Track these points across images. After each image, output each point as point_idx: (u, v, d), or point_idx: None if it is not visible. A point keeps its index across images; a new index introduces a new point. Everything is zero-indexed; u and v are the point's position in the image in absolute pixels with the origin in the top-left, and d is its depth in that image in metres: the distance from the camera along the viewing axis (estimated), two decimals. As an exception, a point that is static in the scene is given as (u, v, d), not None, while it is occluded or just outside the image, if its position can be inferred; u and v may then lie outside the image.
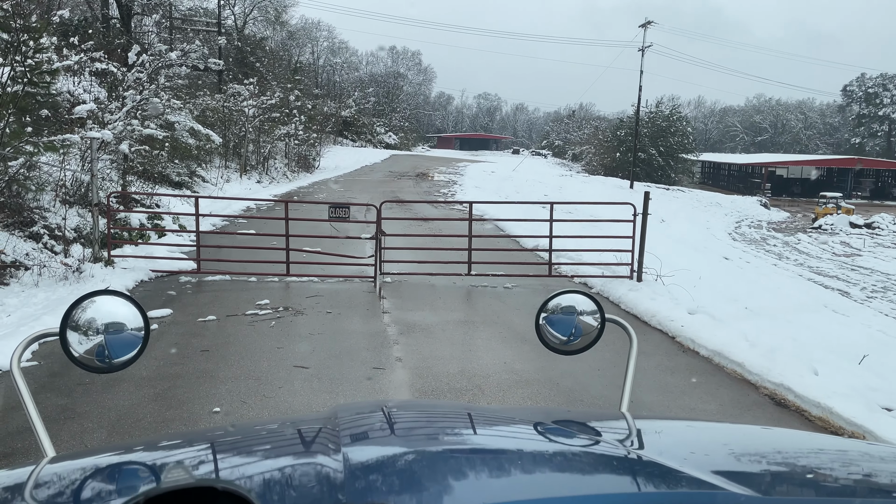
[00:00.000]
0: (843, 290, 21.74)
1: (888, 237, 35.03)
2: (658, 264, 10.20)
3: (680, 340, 7.41)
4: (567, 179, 43.84)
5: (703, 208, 43.28)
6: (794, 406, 5.54)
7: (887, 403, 5.89)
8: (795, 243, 32.95)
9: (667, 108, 60.58)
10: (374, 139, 65.95)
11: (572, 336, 2.06)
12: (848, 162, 65.56)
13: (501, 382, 6.03)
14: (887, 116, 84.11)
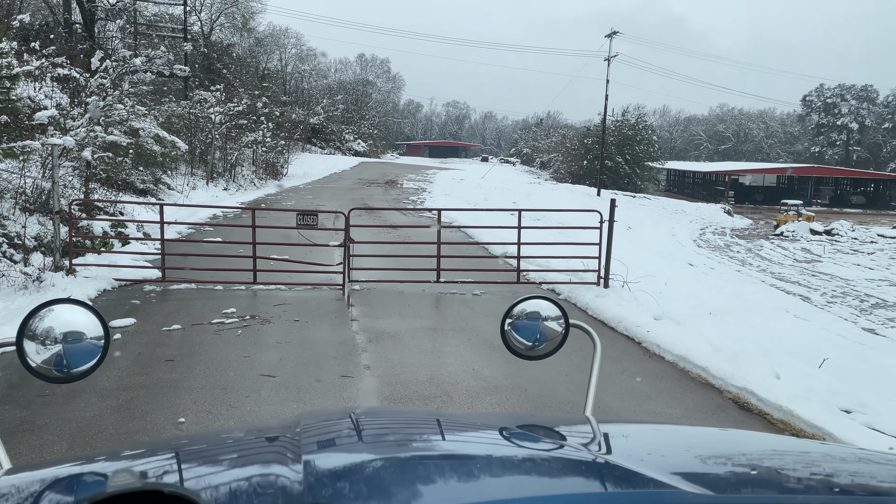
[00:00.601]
0: (804, 295, 22.25)
1: (847, 243, 35.97)
2: (624, 270, 10.32)
3: (646, 346, 7.51)
4: (535, 187, 44.18)
5: (669, 215, 43.97)
6: (757, 409, 5.65)
7: (846, 406, 6.05)
8: (758, 250, 33.64)
9: (633, 117, 61.47)
10: (343, 146, 65.70)
11: (537, 341, 2.08)
12: (809, 170, 67.24)
13: (470, 389, 6.04)
14: (845, 126, 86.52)
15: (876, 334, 17.08)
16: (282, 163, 35.40)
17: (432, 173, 44.87)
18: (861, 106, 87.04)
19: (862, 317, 19.34)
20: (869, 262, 30.13)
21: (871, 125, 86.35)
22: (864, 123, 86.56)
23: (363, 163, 54.58)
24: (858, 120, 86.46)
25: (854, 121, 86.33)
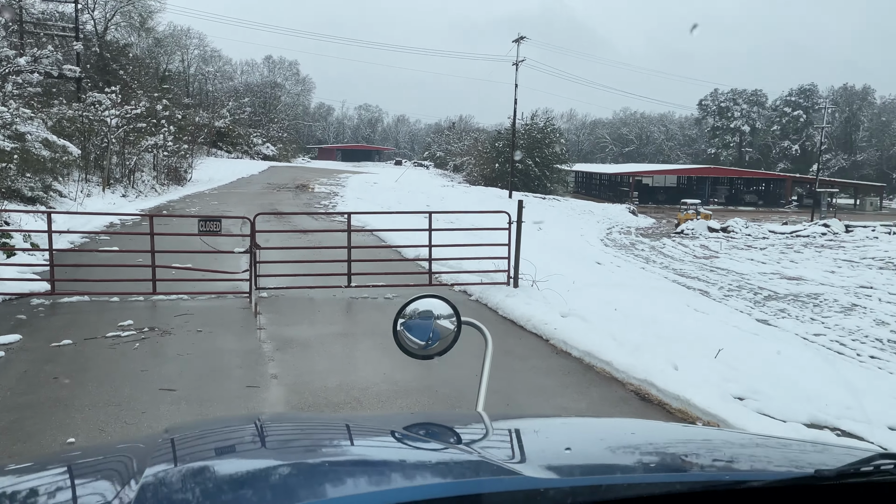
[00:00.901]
0: (703, 289, 23.41)
1: (741, 240, 38.16)
2: (533, 270, 10.52)
3: (553, 343, 7.67)
4: (449, 190, 44.52)
5: (578, 216, 45.37)
6: (657, 400, 5.87)
7: (739, 393, 6.37)
8: (661, 247, 35.17)
9: (541, 121, 63.00)
10: (252, 150, 64.01)
11: (430, 340, 2.06)
12: (706, 171, 70.98)
13: (381, 394, 5.98)
14: (738, 129, 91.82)
15: (769, 324, 18.16)
16: (185, 168, 34.11)
17: (345, 177, 44.44)
18: (752, 109, 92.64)
19: (756, 308, 20.53)
20: (762, 256, 32.06)
21: (761, 128, 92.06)
22: (754, 126, 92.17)
23: (273, 167, 53.36)
24: (749, 123, 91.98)
25: (746, 124, 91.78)
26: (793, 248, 34.67)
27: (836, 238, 37.46)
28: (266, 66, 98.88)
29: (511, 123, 49.00)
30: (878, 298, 21.72)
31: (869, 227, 39.70)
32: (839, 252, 33.07)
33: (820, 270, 27.66)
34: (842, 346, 15.99)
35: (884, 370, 14.18)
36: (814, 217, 47.26)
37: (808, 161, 76.59)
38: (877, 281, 25.22)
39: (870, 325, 18.15)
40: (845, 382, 10.43)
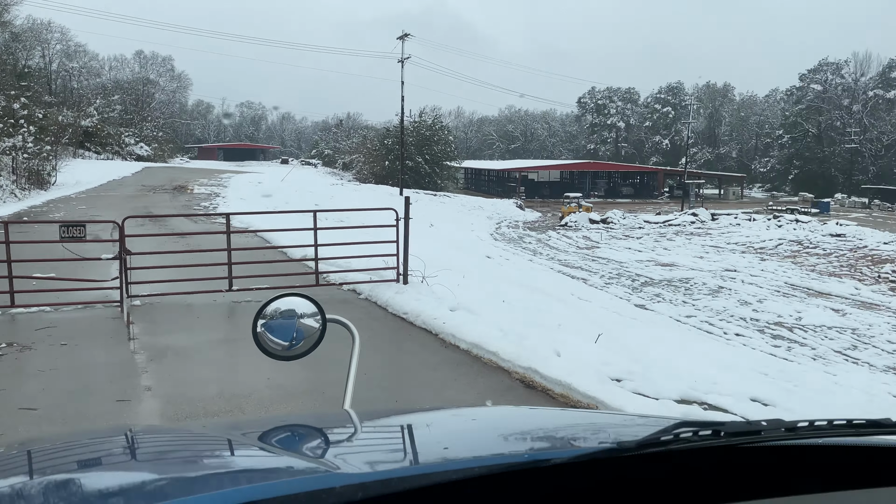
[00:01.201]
0: (585, 278, 24.45)
1: (620, 230, 40.15)
2: (423, 266, 10.55)
3: (442, 337, 7.72)
4: (338, 188, 43.96)
5: (468, 212, 46.07)
6: (541, 386, 6.04)
7: (617, 375, 6.67)
8: (547, 240, 36.39)
9: (429, 118, 63.49)
10: (124, 151, 60.38)
11: (294, 340, 1.99)
12: (586, 166, 74.13)
13: (264, 399, 5.78)
14: (614, 125, 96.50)
15: (646, 309, 19.23)
16: (49, 170, 31.67)
17: (227, 177, 42.83)
18: (626, 107, 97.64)
19: (634, 294, 21.68)
20: (638, 245, 33.88)
21: (635, 124, 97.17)
22: (629, 122, 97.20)
23: (148, 168, 50.56)
24: (624, 119, 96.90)
25: (621, 120, 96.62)
26: (666, 237, 36.89)
27: (703, 226, 40.18)
28: (137, 61, 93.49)
29: (399, 121, 49.00)
30: (741, 280, 23.52)
31: (732, 214, 42.87)
32: (706, 239, 35.52)
33: (690, 256, 29.60)
34: (711, 326, 17.19)
35: (747, 346, 15.36)
36: (683, 207, 50.48)
37: (677, 154, 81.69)
38: (740, 264, 27.30)
39: (734, 305, 19.63)
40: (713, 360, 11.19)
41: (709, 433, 0.95)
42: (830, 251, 30.10)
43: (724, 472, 1.02)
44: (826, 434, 1.01)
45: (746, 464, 1.04)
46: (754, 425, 0.98)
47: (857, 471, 1.03)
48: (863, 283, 23.82)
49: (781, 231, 34.85)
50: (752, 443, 0.99)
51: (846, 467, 1.06)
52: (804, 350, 15.24)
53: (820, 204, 52.67)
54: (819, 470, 1.04)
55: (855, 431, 1.02)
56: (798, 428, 0.99)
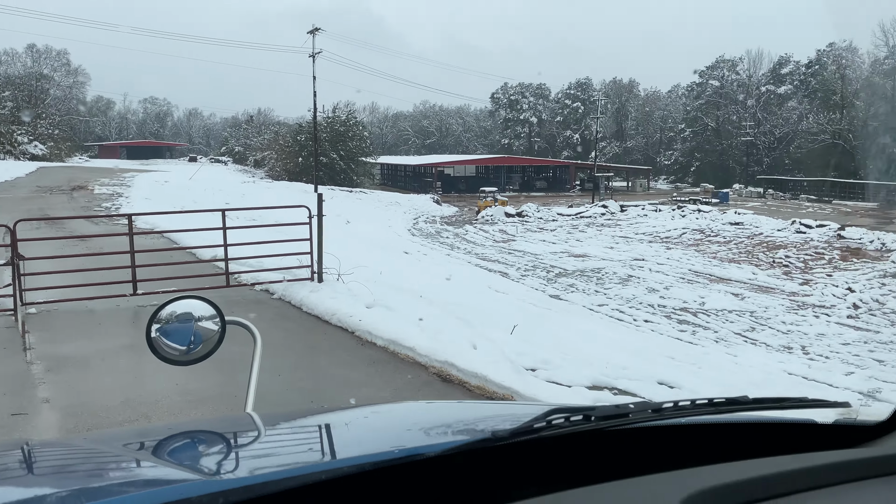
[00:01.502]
0: (502, 271, 24.85)
1: (534, 223, 41.00)
2: (338, 264, 10.42)
3: (359, 334, 7.65)
4: (250, 186, 42.85)
5: (385, 208, 45.89)
6: (458, 380, 6.09)
7: (532, 365, 6.80)
8: (464, 234, 36.73)
9: (343, 114, 62.74)
10: (17, 150, 56.67)
11: (192, 344, 1.92)
12: (501, 160, 75.25)
13: (173, 406, 5.57)
14: (527, 120, 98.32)
15: (560, 299, 19.75)
16: (-71, 172, 29.33)
17: (130, 176, 40.94)
18: (538, 102, 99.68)
19: (549, 285, 22.21)
20: (552, 237, 34.73)
21: (546, 119, 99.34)
22: (541, 117, 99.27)
23: (43, 168, 47.64)
24: (537, 115, 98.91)
25: (533, 115, 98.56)
26: (578, 229, 37.97)
27: (613, 217, 41.59)
28: (29, 55, 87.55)
29: (312, 116, 48.16)
30: (648, 269, 24.51)
31: (639, 206, 44.57)
32: (616, 230, 36.81)
33: (601, 247, 30.59)
34: (621, 314, 17.84)
35: (656, 332, 16.04)
36: (594, 199, 52.09)
37: (588, 148, 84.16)
38: (647, 253, 28.45)
39: (643, 292, 20.44)
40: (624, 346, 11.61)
41: (580, 419, 0.99)
42: (730, 239, 31.81)
43: (597, 454, 1.06)
44: (689, 413, 1.07)
45: (619, 445, 1.08)
46: (622, 409, 1.03)
47: (718, 446, 1.09)
48: (759, 268, 25.32)
49: (685, 221, 36.54)
50: (621, 425, 1.03)
51: (710, 443, 1.12)
52: (707, 333, 16.06)
53: (720, 194, 55.55)
54: (684, 447, 1.09)
55: (715, 410, 1.09)
56: (663, 409, 1.05)
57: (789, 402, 1.16)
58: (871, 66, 68.93)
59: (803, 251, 28.12)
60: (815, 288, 21.53)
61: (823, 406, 1.22)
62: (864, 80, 67.15)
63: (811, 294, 20.69)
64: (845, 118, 64.29)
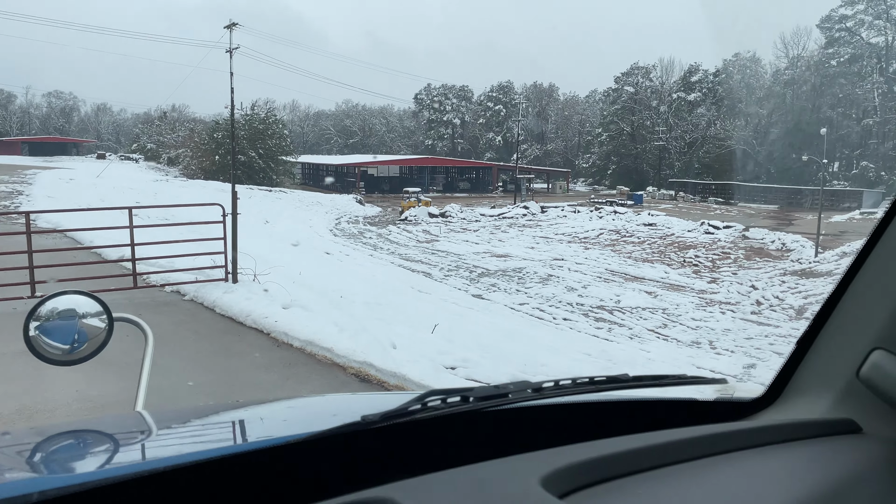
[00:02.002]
0: (426, 271, 24.88)
1: (458, 223, 41.27)
2: (255, 264, 10.14)
3: (275, 336, 7.45)
4: (163, 184, 41.23)
5: (306, 207, 45.12)
6: (376, 379, 6.01)
7: (452, 363, 6.81)
8: (387, 234, 36.57)
9: (263, 112, 61.34)
10: None
11: (76, 343, 1.77)
12: (425, 161, 75.38)
13: (72, 414, 5.26)
14: (450, 121, 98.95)
15: (482, 299, 19.94)
16: None
17: (32, 174, 38.64)
18: (461, 104, 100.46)
19: (472, 285, 22.39)
20: (475, 238, 35.06)
21: (469, 121, 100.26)
22: (464, 119, 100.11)
23: (-67, 164, 44.35)
24: (460, 116, 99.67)
25: (457, 117, 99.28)
26: (500, 229, 38.49)
27: (534, 218, 42.39)
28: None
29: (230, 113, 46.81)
30: (567, 268, 25.11)
31: (559, 207, 45.61)
32: (537, 230, 37.53)
33: (523, 247, 31.12)
34: (542, 312, 18.19)
35: (574, 329, 16.44)
36: (516, 200, 52.92)
37: (510, 151, 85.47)
38: (566, 253, 29.14)
39: (562, 291, 20.91)
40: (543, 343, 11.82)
41: (457, 400, 0.97)
42: (644, 239, 32.99)
43: (476, 435, 1.04)
44: (570, 392, 1.06)
45: (499, 426, 1.07)
46: (502, 388, 1.01)
47: (599, 424, 1.10)
48: (671, 267, 26.38)
49: (602, 222, 37.65)
50: (500, 405, 1.01)
51: (590, 421, 1.12)
52: (623, 330, 16.58)
53: (634, 196, 57.58)
54: (565, 426, 1.09)
55: (595, 388, 1.09)
56: (544, 388, 1.03)
57: (669, 380, 1.18)
58: (772, 76, 73.19)
59: (711, 251, 29.49)
60: (721, 286, 22.61)
61: (702, 383, 1.25)
62: (767, 90, 71.19)
63: (718, 291, 21.70)
64: (749, 125, 67.93)
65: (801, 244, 29.55)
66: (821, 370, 1.16)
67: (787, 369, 1.22)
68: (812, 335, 1.18)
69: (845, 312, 1.13)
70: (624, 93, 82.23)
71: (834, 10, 66.14)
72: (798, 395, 1.19)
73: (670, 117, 76.48)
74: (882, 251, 1.09)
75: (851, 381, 1.08)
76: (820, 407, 1.13)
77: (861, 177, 58.19)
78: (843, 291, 1.14)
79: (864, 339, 1.07)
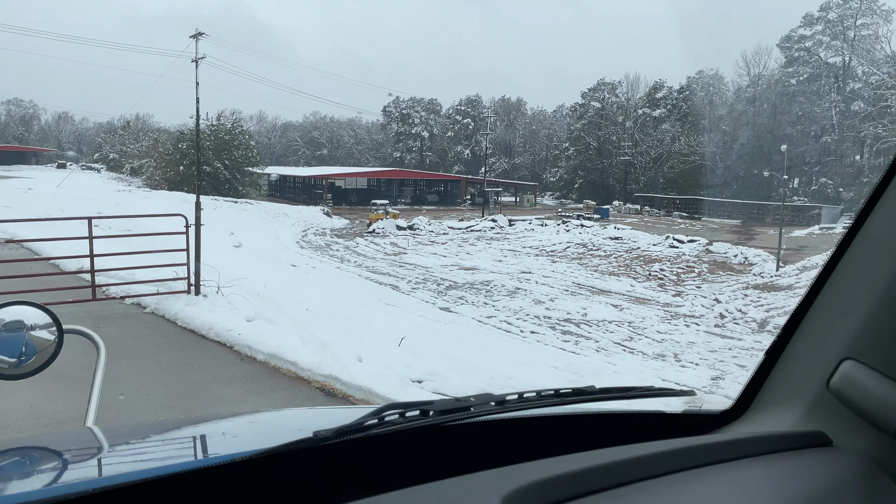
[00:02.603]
0: (393, 284, 24.76)
1: (426, 236, 41.24)
2: (218, 276, 9.97)
3: (238, 349, 7.31)
4: (126, 195, 40.47)
5: (272, 219, 44.67)
6: (342, 393, 5.92)
7: (418, 376, 6.75)
8: (355, 247, 36.36)
9: (229, 122, 60.72)
10: None
11: (24, 356, 1.70)
12: (393, 173, 75.33)
13: (25, 430, 5.08)
14: (418, 134, 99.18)
15: (450, 311, 19.91)
16: None
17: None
18: (429, 117, 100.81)
19: (439, 298, 22.35)
20: (443, 250, 35.06)
21: (438, 133, 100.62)
22: (433, 132, 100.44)
23: None
24: (428, 129, 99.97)
25: (425, 130, 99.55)
26: (468, 242, 38.56)
27: (502, 231, 42.58)
28: None
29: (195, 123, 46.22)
30: (535, 281, 25.23)
31: (527, 220, 45.92)
32: (505, 243, 37.69)
33: (490, 260, 31.20)
34: (509, 325, 18.22)
35: (541, 342, 16.49)
36: (484, 213, 53.13)
37: (478, 164, 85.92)
38: (534, 266, 29.29)
39: (530, 304, 20.98)
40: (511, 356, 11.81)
41: (416, 413, 0.93)
42: (610, 252, 33.35)
43: (436, 451, 1.01)
44: (535, 405, 1.03)
45: (460, 441, 1.04)
46: (463, 402, 0.98)
47: (565, 437, 1.07)
48: (637, 280, 26.68)
49: (569, 235, 37.98)
50: (461, 419, 0.98)
51: (556, 435, 1.09)
52: (589, 343, 16.68)
53: (601, 210, 58.25)
54: (529, 440, 1.05)
55: (561, 400, 1.06)
56: (507, 401, 1.00)
57: (636, 392, 1.16)
58: (734, 93, 74.98)
59: (676, 265, 29.94)
60: (686, 299, 22.94)
61: (669, 395, 1.23)
62: (729, 106, 72.90)
63: (683, 305, 22.00)
64: (712, 141, 69.39)
65: (763, 258, 30.18)
66: (790, 381, 1.15)
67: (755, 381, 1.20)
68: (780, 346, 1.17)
69: (814, 323, 1.12)
70: (590, 108, 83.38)
71: (793, 31, 68.15)
72: (767, 408, 1.17)
73: (636, 132, 77.75)
74: (850, 261, 1.09)
75: (821, 393, 1.07)
76: (789, 419, 1.11)
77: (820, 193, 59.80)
78: (811, 302, 1.13)
79: (834, 350, 1.06)
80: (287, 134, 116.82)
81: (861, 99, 59.42)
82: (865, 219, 1.07)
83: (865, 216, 1.07)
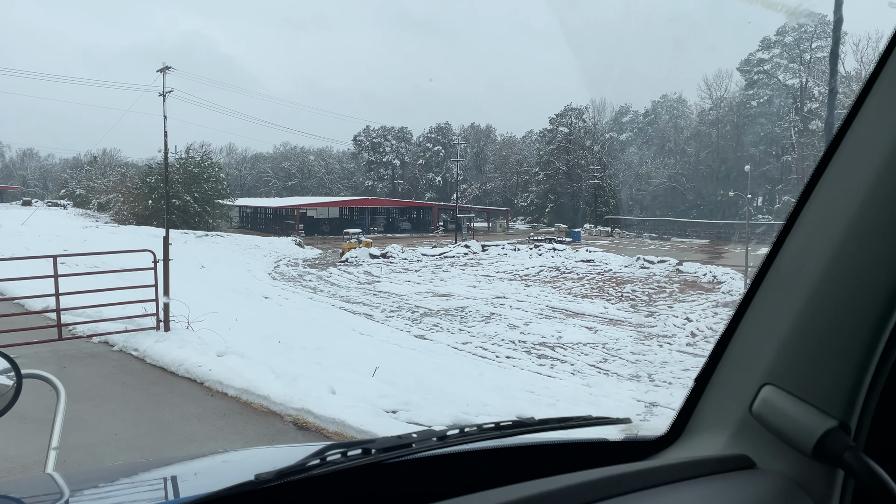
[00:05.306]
0: (367, 313, 24.63)
1: (399, 264, 41.18)
2: (188, 311, 9.84)
3: (208, 385, 7.20)
4: (93, 231, 39.90)
5: (243, 251, 44.28)
6: (315, 426, 5.86)
7: (393, 406, 6.70)
8: (328, 276, 36.14)
9: (198, 155, 60.39)
10: None
11: (-21, 403, 1.68)
12: (365, 202, 75.35)
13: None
14: (389, 162, 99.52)
15: (425, 339, 19.84)
16: None
17: (-50, 222, 36.79)
18: (400, 145, 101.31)
19: (414, 325, 22.27)
20: (417, 277, 35.01)
21: (409, 161, 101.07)
22: (403, 160, 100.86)
23: None
24: (399, 157, 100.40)
25: (396, 158, 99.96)
26: (442, 268, 38.59)
27: (475, 257, 42.72)
28: None
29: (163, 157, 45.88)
30: (509, 306, 25.29)
31: (500, 245, 46.14)
32: (478, 269, 37.78)
33: (465, 286, 31.22)
34: (484, 351, 18.21)
35: (517, 367, 16.49)
36: (457, 239, 53.31)
37: (449, 190, 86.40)
38: (508, 291, 29.38)
39: (505, 329, 21.01)
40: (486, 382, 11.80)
41: (358, 452, 0.95)
42: (583, 275, 33.61)
43: (380, 489, 1.02)
44: (476, 439, 1.06)
45: (403, 478, 1.05)
46: (405, 438, 1.00)
47: (506, 470, 1.09)
48: (610, 302, 26.89)
49: (542, 259, 38.22)
50: (402, 456, 0.99)
51: (497, 468, 1.12)
52: (565, 366, 16.73)
53: (572, 233, 58.77)
54: (472, 475, 1.08)
55: (501, 433, 1.09)
56: (448, 436, 1.03)
57: (573, 422, 1.19)
58: (698, 116, 76.66)
59: (647, 285, 30.26)
60: (658, 319, 23.17)
61: (606, 423, 1.26)
62: (693, 129, 74.45)
63: (655, 325, 22.22)
64: (679, 163, 70.73)
65: (731, 276, 30.66)
66: (716, 407, 1.19)
67: (686, 407, 1.25)
68: (708, 372, 1.21)
69: (737, 349, 1.17)
70: (559, 133, 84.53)
71: (752, 54, 70.14)
72: (697, 433, 1.21)
73: (604, 156, 78.90)
74: (766, 289, 1.14)
75: (745, 417, 1.12)
76: (717, 443, 1.15)
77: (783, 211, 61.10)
78: (734, 329, 1.18)
79: (755, 375, 1.10)
80: (257, 165, 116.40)
81: (818, 118, 61.14)
82: (781, 246, 1.12)
83: (780, 244, 1.12)
